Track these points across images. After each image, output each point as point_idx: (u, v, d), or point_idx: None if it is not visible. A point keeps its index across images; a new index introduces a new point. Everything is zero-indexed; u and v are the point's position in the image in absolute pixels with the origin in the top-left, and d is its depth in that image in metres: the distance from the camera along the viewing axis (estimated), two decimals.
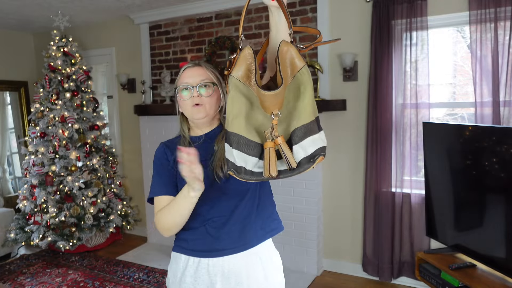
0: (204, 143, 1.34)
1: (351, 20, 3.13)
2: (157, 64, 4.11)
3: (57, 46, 3.93)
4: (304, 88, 1.03)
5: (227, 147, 1.06)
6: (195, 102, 1.28)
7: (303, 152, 1.02)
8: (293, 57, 1.05)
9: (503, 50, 2.56)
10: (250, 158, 1.04)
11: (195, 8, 3.71)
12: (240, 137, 1.04)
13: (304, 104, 1.03)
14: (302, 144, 1.02)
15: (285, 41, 1.06)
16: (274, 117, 1.04)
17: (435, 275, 2.55)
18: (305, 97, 1.03)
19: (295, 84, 1.05)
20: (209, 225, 1.31)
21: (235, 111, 1.04)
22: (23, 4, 3.61)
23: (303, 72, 1.04)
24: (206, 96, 1.29)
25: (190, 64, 1.35)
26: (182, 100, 1.31)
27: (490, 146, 2.25)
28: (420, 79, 2.85)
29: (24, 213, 3.88)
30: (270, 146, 1.02)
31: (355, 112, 3.18)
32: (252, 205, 1.33)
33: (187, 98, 1.29)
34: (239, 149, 1.03)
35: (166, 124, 3.87)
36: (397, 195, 2.99)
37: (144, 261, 3.70)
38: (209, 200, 1.29)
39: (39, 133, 3.82)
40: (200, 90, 1.29)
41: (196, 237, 1.32)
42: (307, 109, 1.03)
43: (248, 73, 1.05)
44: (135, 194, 4.47)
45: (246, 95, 1.05)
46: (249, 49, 1.06)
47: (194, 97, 1.28)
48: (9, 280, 3.34)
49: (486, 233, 2.32)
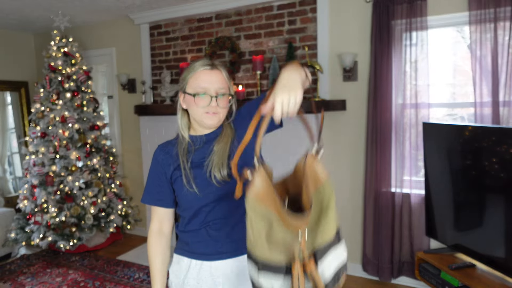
0: (204, 144, 1.32)
1: (351, 20, 3.13)
2: (157, 64, 4.12)
3: (57, 46, 3.94)
4: (327, 203, 1.01)
5: (252, 267, 1.00)
6: (212, 111, 1.25)
7: (327, 271, 0.99)
8: (317, 171, 1.02)
9: (502, 50, 2.56)
10: (276, 282, 0.97)
11: (195, 8, 3.71)
12: (265, 262, 0.97)
13: (328, 219, 1.00)
14: (326, 261, 0.98)
15: (311, 155, 1.04)
16: (301, 238, 0.97)
17: (435, 275, 2.55)
18: (328, 212, 1.00)
19: (318, 198, 1.01)
20: (209, 227, 1.29)
21: (255, 234, 0.98)
22: (23, 4, 3.62)
23: (326, 185, 1.01)
24: (222, 107, 1.27)
25: (208, 66, 1.28)
26: (195, 104, 1.26)
27: (490, 146, 2.26)
28: (420, 79, 2.85)
29: (24, 213, 3.89)
30: (299, 271, 0.95)
31: (355, 112, 3.18)
32: None
33: (203, 105, 1.25)
34: (264, 271, 0.97)
35: (166, 124, 3.88)
36: (397, 195, 2.99)
37: (145, 261, 3.70)
38: (208, 203, 1.27)
39: (39, 133, 3.83)
40: (219, 100, 1.26)
41: (197, 240, 1.31)
42: (330, 225, 1.00)
43: (266, 194, 0.97)
44: (135, 194, 4.47)
45: (265, 215, 0.97)
46: (264, 173, 0.98)
47: (211, 106, 1.25)
48: (9, 280, 3.34)
49: (486, 233, 2.32)
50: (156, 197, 1.35)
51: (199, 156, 1.30)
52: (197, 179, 1.26)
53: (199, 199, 1.25)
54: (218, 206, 1.28)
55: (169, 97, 3.88)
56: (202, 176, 1.26)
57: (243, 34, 3.60)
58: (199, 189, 1.25)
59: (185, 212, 1.33)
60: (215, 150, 1.28)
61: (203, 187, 1.25)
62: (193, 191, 1.25)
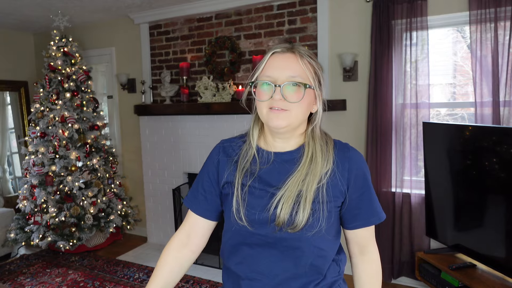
0: (273, 164, 1.00)
1: (351, 20, 3.13)
2: (157, 64, 4.11)
3: (57, 46, 3.93)
4: None
5: None
6: (276, 106, 0.94)
7: None
8: None
9: (503, 50, 2.55)
10: None
11: (195, 8, 3.71)
12: None
13: None
14: None
15: None
16: None
17: (435, 275, 2.55)
18: None
19: None
20: (246, 285, 1.00)
21: None
22: (23, 4, 3.61)
23: None
24: (292, 101, 0.93)
25: (279, 48, 0.97)
26: (259, 99, 0.97)
27: (490, 146, 2.25)
28: (420, 79, 2.85)
29: (24, 213, 3.88)
30: None
31: (355, 112, 3.18)
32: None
33: (265, 98, 0.95)
34: None
35: (166, 124, 3.87)
36: (397, 195, 2.99)
37: (144, 261, 3.70)
38: (255, 243, 0.98)
39: (39, 133, 3.82)
40: (285, 90, 0.93)
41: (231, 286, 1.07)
42: None
43: None
44: (135, 194, 4.47)
45: None
46: None
47: (274, 99, 0.94)
48: (9, 280, 3.34)
49: (486, 233, 2.32)
50: (197, 206, 1.08)
51: (262, 181, 0.99)
52: (250, 209, 0.97)
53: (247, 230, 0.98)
54: (266, 253, 0.97)
55: (169, 97, 3.87)
56: (259, 209, 0.97)
57: (243, 34, 3.60)
58: (250, 224, 0.97)
59: (225, 243, 1.05)
60: (289, 183, 0.95)
61: (254, 222, 0.97)
62: (242, 224, 0.97)
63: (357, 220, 1.03)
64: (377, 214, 1.04)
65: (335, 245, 1.04)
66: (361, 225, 1.04)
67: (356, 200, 1.01)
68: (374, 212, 1.04)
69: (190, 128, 3.76)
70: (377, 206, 1.05)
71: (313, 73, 0.97)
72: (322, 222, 0.95)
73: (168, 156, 3.95)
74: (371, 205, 1.03)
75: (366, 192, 1.02)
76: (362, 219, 1.03)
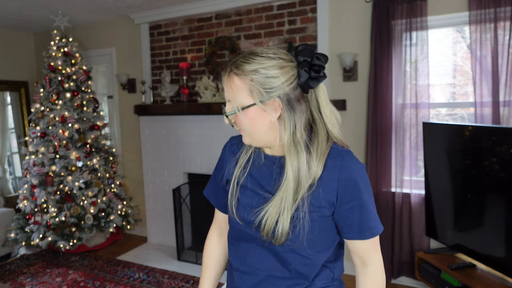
0: (264, 166, 1.03)
1: (351, 20, 3.13)
2: (157, 64, 4.11)
3: (57, 46, 3.94)
4: None
5: None
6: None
7: None
8: None
9: (503, 50, 2.56)
10: None
11: (195, 8, 3.71)
12: None
13: None
14: None
15: None
16: None
17: (435, 275, 2.55)
18: None
19: None
20: (237, 276, 1.07)
21: None
22: (23, 4, 3.62)
23: None
24: (238, 127, 0.99)
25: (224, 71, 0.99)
26: None
27: (490, 146, 2.25)
28: (420, 79, 2.85)
29: (24, 213, 3.89)
30: None
31: (355, 112, 3.18)
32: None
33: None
34: None
35: (167, 124, 3.88)
36: (397, 195, 2.99)
37: (144, 261, 3.70)
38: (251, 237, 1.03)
39: (39, 133, 3.82)
40: (230, 119, 0.98)
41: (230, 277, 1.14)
42: None
43: None
44: (135, 194, 4.47)
45: None
46: None
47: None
48: (9, 280, 3.34)
49: (486, 233, 2.32)
50: (215, 198, 1.17)
51: (258, 176, 1.03)
52: (240, 207, 1.03)
53: (241, 226, 1.04)
54: (258, 250, 1.02)
55: (169, 97, 3.88)
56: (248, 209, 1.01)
57: (243, 34, 3.60)
58: (241, 220, 1.02)
59: (228, 235, 1.13)
60: (276, 196, 0.95)
61: (244, 220, 1.02)
62: (235, 220, 1.03)
63: (350, 231, 0.99)
64: (370, 229, 0.98)
65: (326, 253, 1.02)
66: (355, 237, 0.99)
67: (346, 212, 0.97)
68: (367, 226, 0.98)
69: (190, 128, 3.76)
70: (371, 219, 0.98)
71: (248, 89, 0.92)
72: (303, 236, 0.95)
73: (168, 156, 3.96)
74: (363, 218, 0.97)
75: (359, 204, 0.96)
76: (355, 231, 0.98)
